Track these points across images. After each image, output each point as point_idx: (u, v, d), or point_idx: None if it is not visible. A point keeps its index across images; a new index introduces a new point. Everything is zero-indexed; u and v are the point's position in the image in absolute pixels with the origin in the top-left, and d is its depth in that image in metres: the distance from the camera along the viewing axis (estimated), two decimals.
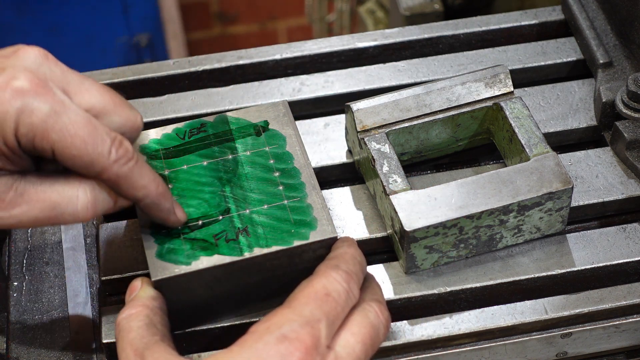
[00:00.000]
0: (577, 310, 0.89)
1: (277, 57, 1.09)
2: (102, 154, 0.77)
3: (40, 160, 0.81)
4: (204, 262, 0.83)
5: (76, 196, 0.79)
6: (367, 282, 0.82)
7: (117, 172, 0.79)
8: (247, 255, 0.83)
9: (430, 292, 0.90)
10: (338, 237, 0.84)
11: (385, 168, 0.92)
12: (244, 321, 0.88)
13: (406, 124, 0.95)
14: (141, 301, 0.80)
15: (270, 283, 0.86)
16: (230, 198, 0.87)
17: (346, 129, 0.99)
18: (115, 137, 0.78)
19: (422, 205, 0.89)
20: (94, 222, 0.98)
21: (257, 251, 0.83)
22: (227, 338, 0.88)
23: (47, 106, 0.76)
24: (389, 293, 0.90)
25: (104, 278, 0.90)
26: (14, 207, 0.78)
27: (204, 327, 0.87)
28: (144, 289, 0.82)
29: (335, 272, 0.79)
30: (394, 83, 1.07)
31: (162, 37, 2.83)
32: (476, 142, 1.00)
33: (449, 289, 0.90)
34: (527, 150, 0.92)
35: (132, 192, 0.80)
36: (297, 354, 0.73)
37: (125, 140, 0.80)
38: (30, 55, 0.79)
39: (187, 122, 0.93)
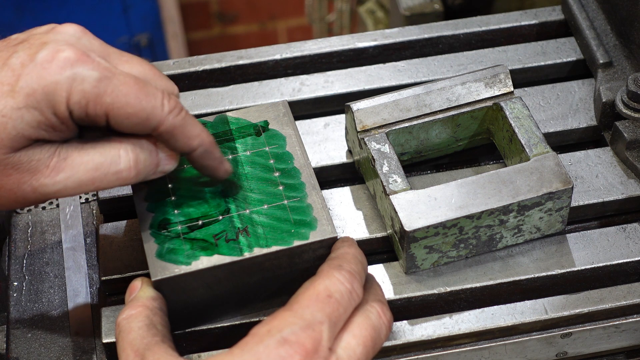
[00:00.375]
0: (577, 310, 0.89)
1: (277, 57, 1.09)
2: (156, 107, 0.79)
3: (82, 131, 0.82)
4: (204, 262, 0.83)
5: (118, 155, 0.80)
6: (368, 282, 0.82)
7: (172, 123, 0.80)
8: (247, 255, 0.83)
9: (430, 292, 0.90)
10: (338, 237, 0.84)
11: (385, 168, 0.92)
12: (244, 321, 0.88)
13: (406, 124, 0.95)
14: (141, 301, 0.80)
15: (270, 283, 0.86)
16: (230, 198, 0.87)
17: (346, 129, 0.99)
18: (163, 90, 0.80)
19: (422, 205, 0.89)
20: (94, 222, 0.98)
21: (257, 251, 0.83)
22: (227, 338, 0.88)
23: (96, 73, 0.77)
24: (389, 293, 0.90)
25: (104, 278, 0.90)
26: (59, 172, 0.79)
27: (204, 327, 0.87)
28: (143, 289, 0.82)
29: (338, 272, 0.79)
30: (394, 83, 1.07)
31: (162, 37, 2.83)
32: (476, 142, 1.00)
33: (449, 289, 0.90)
34: (527, 150, 0.92)
35: (187, 141, 0.82)
36: (297, 357, 0.73)
37: (174, 93, 0.82)
38: (69, 30, 0.81)
39: None
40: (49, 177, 0.79)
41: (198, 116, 1.03)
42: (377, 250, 0.94)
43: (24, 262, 0.95)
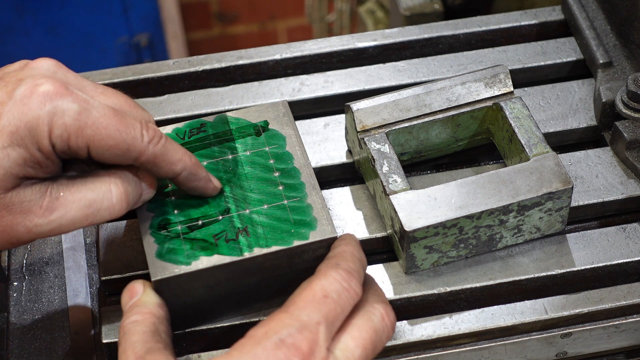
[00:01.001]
0: (576, 310, 0.89)
1: (277, 57, 1.09)
2: (136, 138, 0.79)
3: (66, 164, 0.82)
4: (204, 262, 0.83)
5: (109, 190, 0.81)
6: (368, 284, 0.82)
7: (153, 152, 0.81)
8: (247, 255, 0.83)
9: (430, 292, 0.90)
10: (338, 237, 0.84)
11: (385, 168, 0.92)
12: (244, 321, 0.88)
13: (406, 124, 0.95)
14: (148, 308, 0.80)
15: (270, 283, 0.86)
16: (230, 198, 0.87)
17: (346, 129, 0.99)
18: (141, 121, 0.81)
19: (422, 205, 0.89)
20: None
21: (257, 251, 0.83)
22: (227, 338, 0.88)
23: (76, 105, 0.77)
24: (389, 293, 0.90)
25: (104, 278, 0.90)
26: (52, 212, 0.79)
27: (204, 327, 0.87)
28: (148, 294, 0.81)
29: (334, 271, 0.79)
30: (394, 83, 1.07)
31: (162, 37, 2.83)
32: (476, 142, 1.00)
33: (448, 289, 0.90)
34: (527, 150, 0.92)
35: (170, 167, 0.82)
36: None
37: (150, 122, 0.82)
38: (44, 65, 0.81)
39: (187, 122, 0.93)
40: (43, 217, 0.79)
41: (198, 116, 1.04)
42: (377, 250, 0.94)
43: (24, 262, 0.95)
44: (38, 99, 0.77)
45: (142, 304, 0.80)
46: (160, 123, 1.03)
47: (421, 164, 1.00)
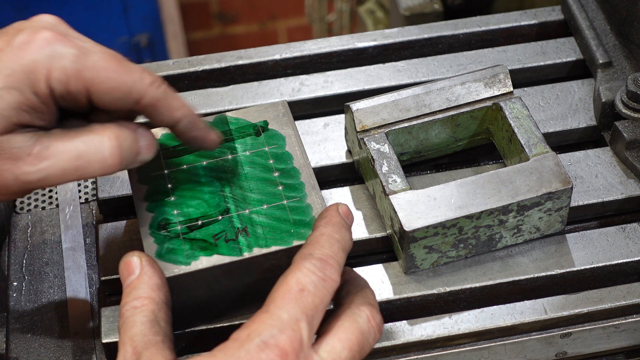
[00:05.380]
0: (576, 310, 0.89)
1: (277, 57, 1.09)
2: (136, 80, 0.79)
3: (64, 119, 0.81)
4: (204, 262, 0.83)
5: (101, 142, 0.79)
6: (359, 286, 0.81)
7: (154, 95, 0.80)
8: (246, 255, 0.83)
9: (429, 292, 0.90)
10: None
11: (385, 168, 0.92)
12: (243, 321, 0.87)
13: (406, 124, 0.95)
14: (147, 292, 0.78)
15: (270, 283, 0.86)
16: (230, 198, 0.87)
17: (346, 129, 0.99)
18: (140, 66, 0.80)
19: (421, 205, 0.89)
20: (94, 222, 0.98)
21: (257, 251, 0.83)
22: (226, 338, 0.87)
23: (74, 50, 0.78)
24: (388, 293, 0.90)
25: (103, 278, 0.91)
26: (41, 160, 0.78)
27: (204, 327, 0.87)
28: (146, 273, 0.79)
29: (308, 261, 0.77)
30: (393, 83, 1.07)
31: (162, 37, 2.83)
32: (475, 142, 1.00)
33: (448, 289, 0.90)
34: (527, 150, 0.92)
35: (170, 113, 0.81)
36: None
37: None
38: (45, 18, 0.81)
39: None
40: (31, 164, 0.78)
41: None
42: (376, 250, 0.95)
43: (24, 262, 0.95)
44: (37, 44, 0.77)
45: (140, 285, 0.78)
46: None
47: (421, 164, 1.00)
